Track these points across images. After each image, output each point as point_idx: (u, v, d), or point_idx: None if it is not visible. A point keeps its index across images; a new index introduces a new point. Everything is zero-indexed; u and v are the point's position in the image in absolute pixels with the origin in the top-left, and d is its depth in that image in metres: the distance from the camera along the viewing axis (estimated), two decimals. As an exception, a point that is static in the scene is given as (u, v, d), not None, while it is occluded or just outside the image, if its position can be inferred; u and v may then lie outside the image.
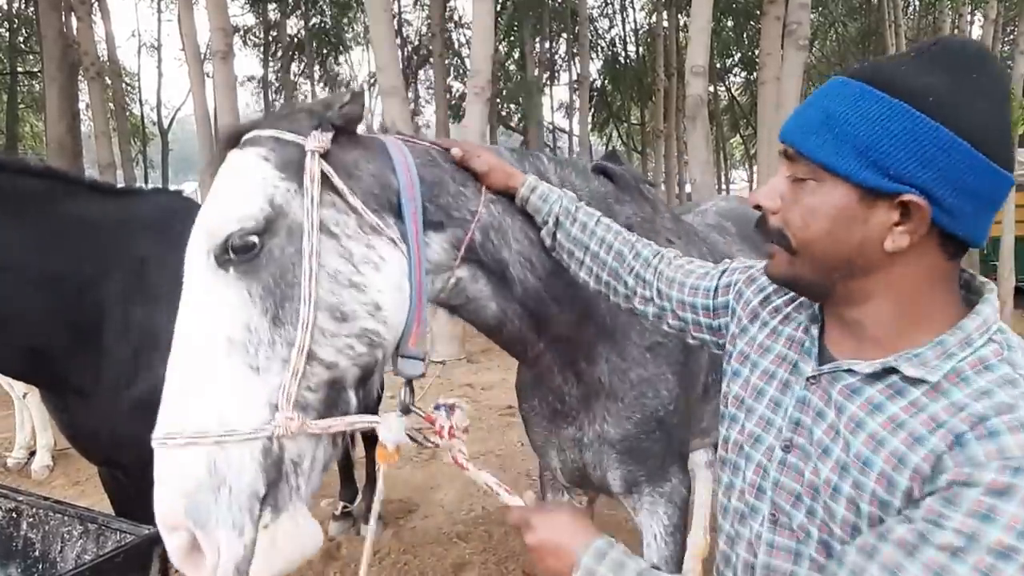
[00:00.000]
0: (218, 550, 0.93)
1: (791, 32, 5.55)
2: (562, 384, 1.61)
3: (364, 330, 1.09)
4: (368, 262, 1.11)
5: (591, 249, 1.34)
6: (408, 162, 1.25)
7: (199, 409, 0.96)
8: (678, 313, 1.24)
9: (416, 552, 3.30)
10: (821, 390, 0.90)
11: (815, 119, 0.84)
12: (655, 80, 17.30)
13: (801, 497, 0.89)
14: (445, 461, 1.24)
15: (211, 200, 1.10)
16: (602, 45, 21.20)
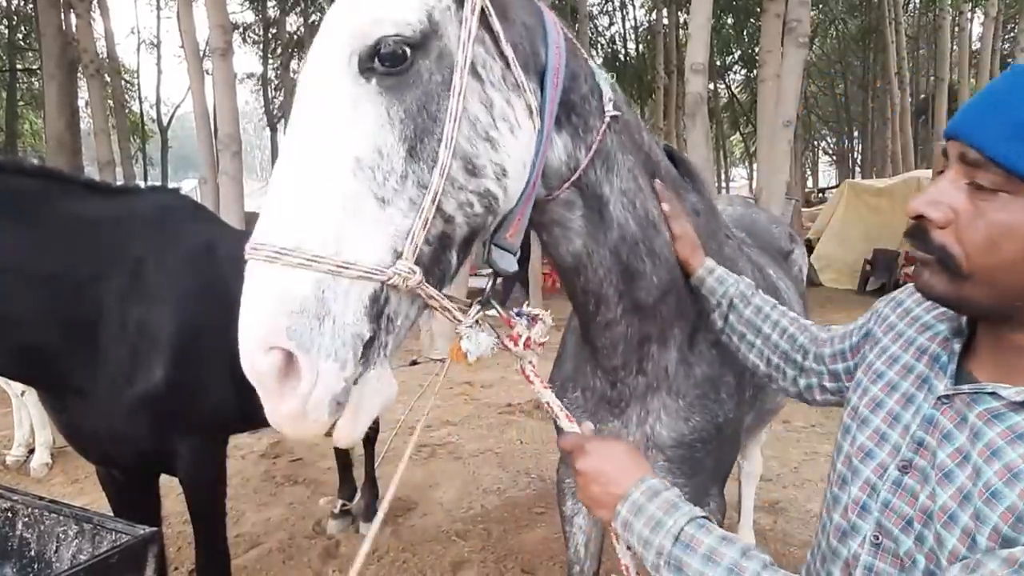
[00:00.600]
0: (318, 377, 0.83)
1: (791, 29, 5.55)
2: (620, 367, 1.44)
3: (487, 191, 0.98)
4: (505, 120, 1.00)
5: (763, 332, 1.30)
6: (561, 39, 1.12)
7: (317, 230, 0.84)
8: (830, 369, 1.18)
9: (415, 550, 3.30)
10: (954, 411, 0.82)
11: (1010, 120, 0.72)
12: (655, 78, 17.27)
13: (912, 522, 0.82)
14: (443, 459, 1.21)
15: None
16: (602, 42, 21.20)
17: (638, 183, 1.29)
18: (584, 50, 1.25)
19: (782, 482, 4.13)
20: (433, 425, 5.39)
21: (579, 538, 1.80)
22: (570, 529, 1.81)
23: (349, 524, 3.54)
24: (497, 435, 5.10)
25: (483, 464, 4.49)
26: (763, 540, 3.25)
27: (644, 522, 0.88)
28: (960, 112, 0.78)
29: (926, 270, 0.81)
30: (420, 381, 6.52)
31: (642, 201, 1.29)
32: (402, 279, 0.87)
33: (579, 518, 1.79)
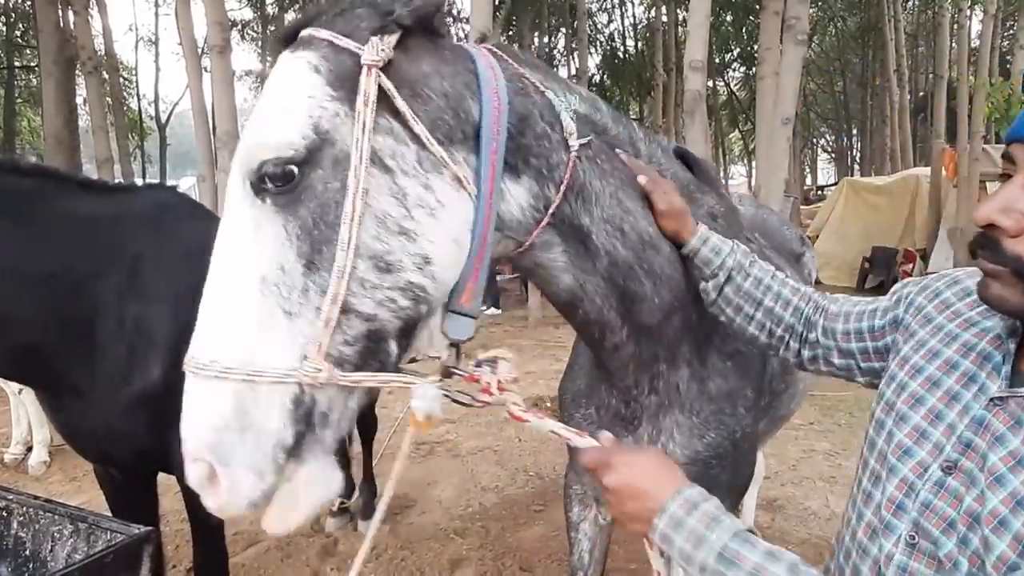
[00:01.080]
0: (233, 487, 0.88)
1: (790, 27, 5.53)
2: (632, 387, 1.40)
3: (409, 283, 0.95)
4: (423, 206, 0.95)
5: (765, 304, 1.24)
6: (499, 85, 1.04)
7: (231, 344, 0.89)
8: (842, 347, 1.14)
9: (413, 548, 3.30)
10: (1008, 414, 0.80)
11: None
12: (654, 75, 17.25)
13: (955, 525, 0.80)
14: (442, 456, 1.19)
15: (254, 115, 0.96)
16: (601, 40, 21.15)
17: (624, 206, 1.22)
18: (583, 48, 1.22)
19: (780, 480, 4.14)
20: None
21: (584, 544, 1.78)
22: (575, 535, 1.80)
23: (347, 522, 3.54)
24: (495, 433, 5.10)
25: (481, 462, 4.49)
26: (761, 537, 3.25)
27: (685, 537, 0.84)
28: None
29: (996, 282, 0.78)
30: (419, 379, 6.57)
31: (632, 224, 1.23)
32: (312, 379, 0.89)
33: (585, 524, 1.77)
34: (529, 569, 3.11)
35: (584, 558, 1.79)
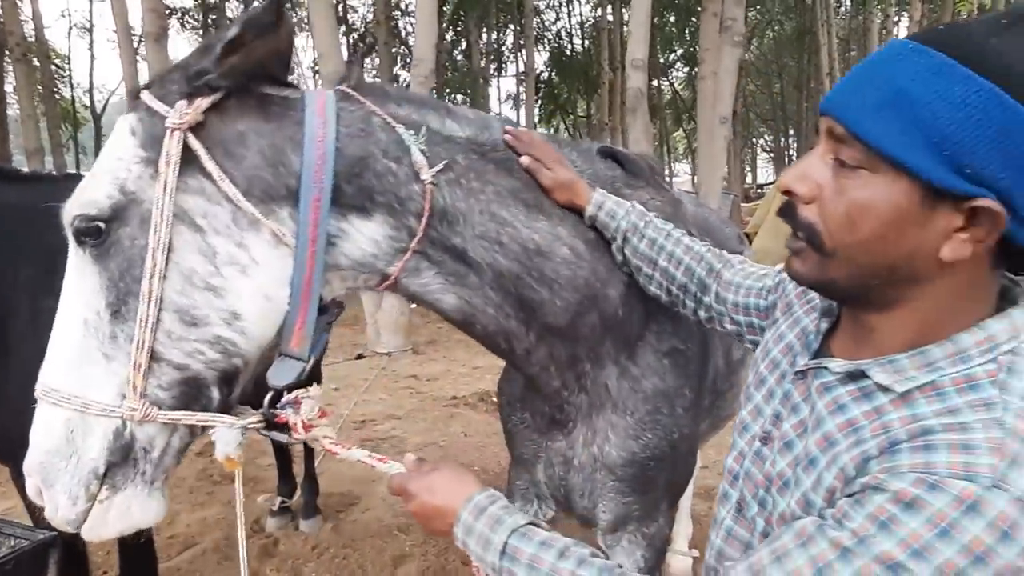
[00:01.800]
0: (53, 507, 1.01)
1: (727, 28, 5.69)
2: (561, 388, 1.36)
3: (217, 337, 1.02)
4: (234, 263, 1.01)
5: (660, 265, 1.26)
6: (326, 133, 1.06)
7: (67, 375, 1.00)
8: (732, 316, 1.18)
9: (356, 546, 3.27)
10: (804, 385, 0.84)
11: (878, 95, 0.68)
12: (600, 73, 17.47)
13: (758, 488, 0.87)
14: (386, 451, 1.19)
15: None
16: (548, 37, 21.30)
17: (499, 219, 1.20)
18: (530, 45, 1.23)
19: (717, 468, 4.26)
20: (377, 420, 5.35)
21: None
22: None
23: (288, 521, 3.48)
24: (442, 428, 5.10)
25: (427, 457, 4.45)
26: (699, 525, 3.34)
27: (476, 541, 0.90)
28: (834, 87, 0.75)
29: (796, 258, 0.79)
30: (365, 375, 6.48)
31: (512, 235, 1.21)
32: (128, 415, 0.99)
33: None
34: (471, 564, 3.12)
35: None
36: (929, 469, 0.62)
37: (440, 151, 1.17)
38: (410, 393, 6.20)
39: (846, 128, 0.70)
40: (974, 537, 0.58)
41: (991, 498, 0.59)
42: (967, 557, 0.58)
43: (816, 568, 0.65)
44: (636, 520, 1.47)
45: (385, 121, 1.14)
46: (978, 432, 0.63)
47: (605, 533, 1.52)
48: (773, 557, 0.69)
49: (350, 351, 7.62)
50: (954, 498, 0.60)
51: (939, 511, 0.60)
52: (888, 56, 0.70)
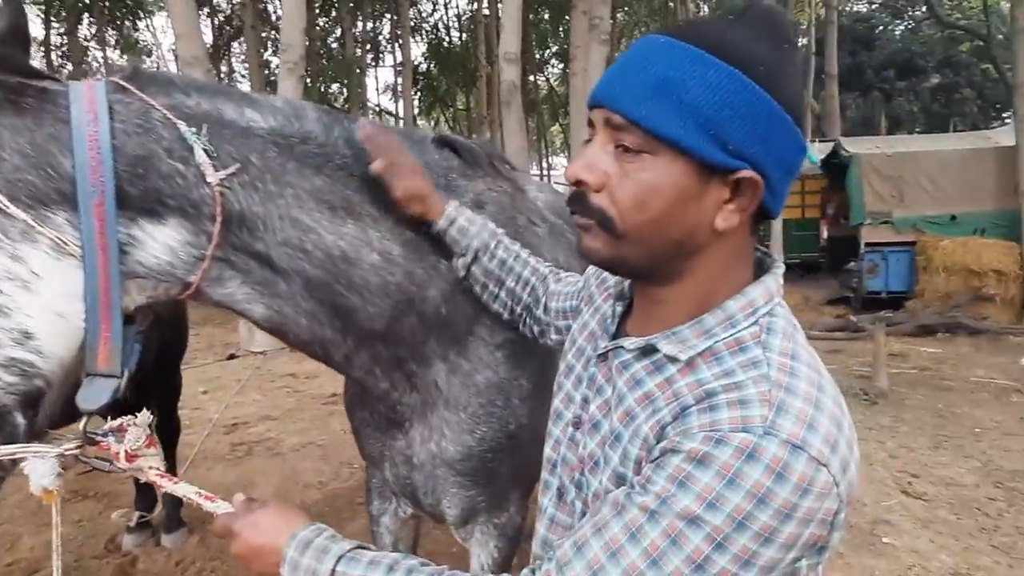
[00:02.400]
0: None
1: (594, 26, 5.91)
2: (391, 390, 1.34)
3: (11, 359, 0.93)
4: (13, 278, 0.92)
5: (507, 285, 1.28)
6: (98, 129, 0.96)
7: None
8: (556, 324, 1.21)
9: (223, 557, 3.10)
10: (606, 367, 0.88)
11: (646, 84, 0.73)
12: (478, 66, 17.51)
13: (574, 472, 0.89)
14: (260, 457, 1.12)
15: None
16: (426, 28, 21.07)
17: (302, 225, 1.15)
18: (406, 35, 1.18)
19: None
20: (250, 422, 5.11)
21: (386, 538, 1.76)
22: (377, 529, 1.77)
23: (149, 537, 3.24)
24: (320, 427, 4.95)
25: (304, 458, 4.33)
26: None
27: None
28: (600, 82, 0.80)
29: (587, 235, 0.81)
30: (238, 376, 6.15)
31: (316, 242, 1.15)
32: None
33: (385, 518, 1.76)
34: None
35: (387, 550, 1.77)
36: (715, 427, 0.68)
37: (232, 149, 1.09)
38: (287, 392, 5.97)
39: (624, 116, 0.74)
40: (755, 481, 0.65)
41: (765, 444, 0.66)
42: (751, 500, 0.65)
43: (629, 533, 0.69)
44: (485, 511, 1.48)
45: (165, 116, 1.05)
46: (750, 388, 0.70)
47: (456, 527, 1.53)
48: (594, 530, 0.73)
49: (221, 351, 7.21)
50: (735, 449, 0.66)
51: (725, 463, 0.66)
52: (646, 49, 0.76)
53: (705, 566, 0.66)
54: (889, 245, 8.89)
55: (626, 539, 0.69)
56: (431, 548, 3.05)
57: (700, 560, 0.66)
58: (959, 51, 21.16)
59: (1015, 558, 3.11)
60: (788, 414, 0.68)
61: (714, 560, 0.66)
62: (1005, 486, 3.86)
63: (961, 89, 21.32)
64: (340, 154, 1.23)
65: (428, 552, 3.08)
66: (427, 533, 2.66)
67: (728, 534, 0.65)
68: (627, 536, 0.69)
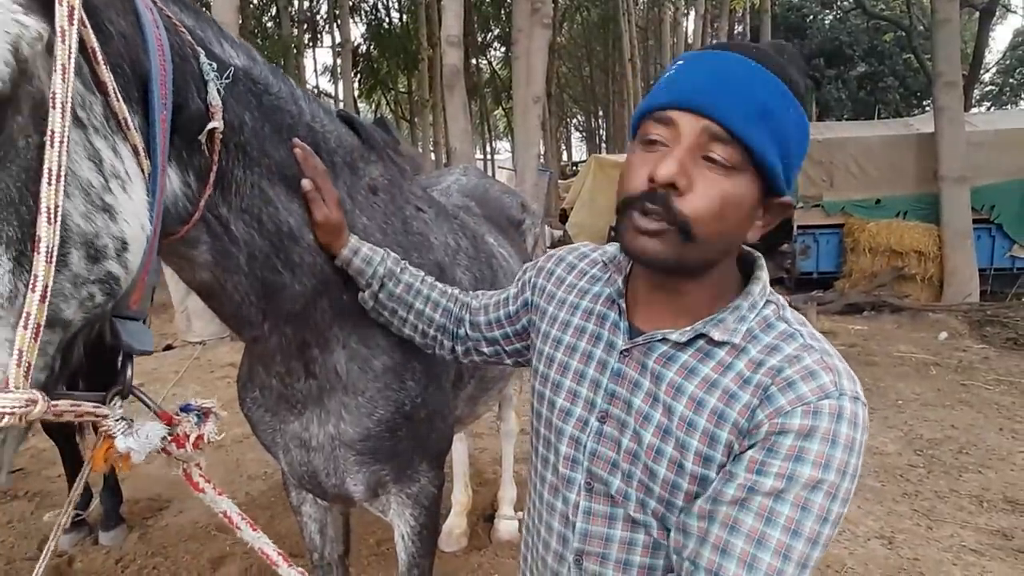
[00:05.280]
0: None
1: (536, 10, 5.91)
2: (285, 375, 1.35)
3: (109, 274, 0.76)
4: (117, 176, 0.77)
5: (415, 307, 1.30)
6: (163, 38, 0.86)
7: None
8: (487, 336, 1.26)
9: (167, 552, 3.03)
10: (635, 362, 0.93)
11: (753, 107, 0.79)
12: (420, 49, 17.25)
13: (618, 464, 0.92)
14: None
15: None
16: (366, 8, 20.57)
17: (265, 195, 1.11)
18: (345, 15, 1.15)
19: (541, 432, 4.50)
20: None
21: (311, 527, 1.77)
22: (300, 519, 1.78)
23: (86, 536, 3.12)
24: (262, 419, 4.83)
25: (247, 450, 4.23)
26: (523, 489, 3.52)
27: None
28: (690, 89, 0.81)
29: (655, 239, 0.83)
30: (176, 367, 5.94)
31: (271, 214, 1.12)
32: (18, 416, 0.67)
33: (306, 506, 1.76)
34: (299, 555, 3.03)
35: (315, 539, 1.78)
36: (803, 401, 0.79)
37: (231, 98, 1.01)
38: (228, 383, 5.80)
39: (730, 131, 0.79)
40: (846, 435, 0.78)
41: (843, 403, 0.79)
42: (847, 451, 0.78)
43: (765, 519, 0.77)
44: (393, 483, 1.52)
45: (191, 44, 0.95)
46: (806, 359, 0.82)
47: (369, 503, 1.57)
48: (729, 529, 0.79)
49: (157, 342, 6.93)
50: (827, 415, 0.78)
51: (825, 428, 0.78)
52: (743, 70, 0.81)
53: (828, 517, 0.77)
54: (820, 227, 9.25)
55: (764, 525, 0.77)
56: (381, 535, 3.05)
57: (824, 514, 0.77)
58: (884, 41, 22.11)
59: (934, 520, 3.33)
60: (840, 373, 0.81)
61: (832, 509, 0.77)
62: (925, 454, 4.13)
63: (885, 78, 22.33)
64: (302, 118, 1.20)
65: (381, 537, 3.07)
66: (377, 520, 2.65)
67: (838, 485, 0.77)
68: (764, 522, 0.77)
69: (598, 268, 1.10)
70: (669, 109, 0.83)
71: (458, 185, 2.44)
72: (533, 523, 1.08)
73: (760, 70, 0.81)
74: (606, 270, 1.08)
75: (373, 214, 1.40)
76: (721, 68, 0.82)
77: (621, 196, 0.87)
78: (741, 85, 0.80)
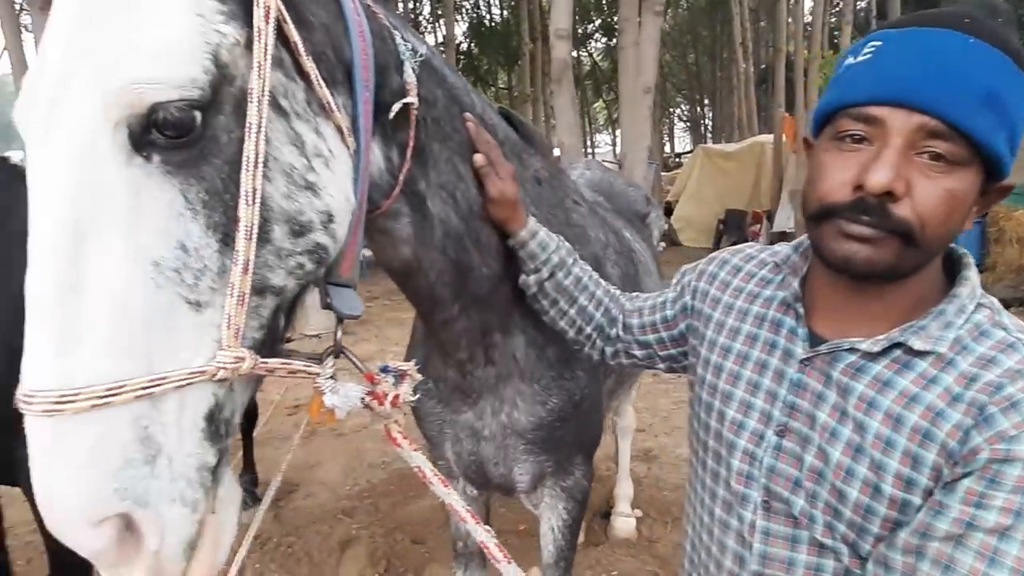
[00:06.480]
0: (164, 529, 0.70)
1: (647, -1, 5.76)
2: (467, 361, 1.37)
3: (317, 245, 0.82)
4: (320, 155, 0.83)
5: (579, 302, 1.26)
6: (364, 22, 0.92)
7: (115, 357, 0.66)
8: (640, 339, 1.21)
9: (300, 533, 3.21)
10: (817, 372, 0.86)
11: (975, 94, 0.70)
12: (520, 44, 17.32)
13: (801, 483, 0.85)
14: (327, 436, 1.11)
15: (99, 33, 0.69)
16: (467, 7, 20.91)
17: (458, 172, 1.14)
18: (448, 14, 1.16)
19: (654, 431, 4.41)
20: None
21: None
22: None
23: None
24: (378, 409, 5.02)
25: (366, 439, 4.41)
26: (639, 487, 3.46)
27: None
28: (901, 78, 0.73)
29: (868, 246, 0.76)
30: (295, 359, 6.31)
31: (463, 192, 1.16)
32: (231, 370, 0.72)
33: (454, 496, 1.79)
34: (421, 541, 3.12)
35: (460, 528, 1.82)
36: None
37: (424, 77, 1.06)
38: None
39: (952, 126, 0.71)
40: None
41: None
42: None
43: (988, 559, 0.68)
44: (552, 475, 1.54)
45: (388, 26, 1.01)
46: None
47: (527, 494, 1.59)
48: (942, 568, 0.71)
49: (277, 335, 7.37)
50: None
51: None
52: (959, 50, 0.71)
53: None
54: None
55: (988, 566, 0.68)
56: (498, 527, 3.09)
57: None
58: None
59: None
60: None
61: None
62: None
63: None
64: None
65: (495, 530, 3.12)
66: (492, 512, 2.69)
67: None
68: (987, 563, 0.69)
69: (767, 270, 1.02)
70: (873, 105, 0.74)
71: (584, 180, 2.41)
72: (700, 539, 1.02)
73: (979, 45, 0.71)
74: (778, 272, 1.00)
75: (540, 205, 1.40)
76: (931, 49, 0.72)
77: (818, 202, 0.79)
78: (959, 68, 0.70)
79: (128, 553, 0.70)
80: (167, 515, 0.70)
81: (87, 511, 0.66)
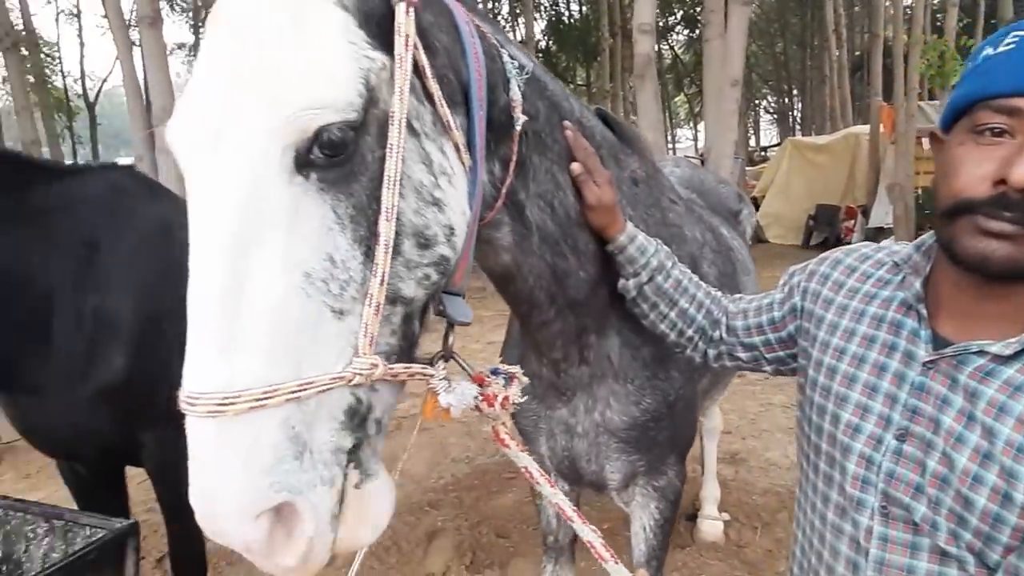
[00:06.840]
0: (313, 510, 0.74)
1: (735, -12, 5.58)
2: (561, 360, 1.39)
3: (441, 257, 0.87)
4: (444, 172, 0.88)
5: (680, 305, 1.26)
6: (477, 44, 0.96)
7: (269, 362, 0.72)
8: (745, 341, 1.20)
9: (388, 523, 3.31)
10: (942, 375, 0.84)
11: None
12: (600, 40, 17.18)
13: (923, 488, 0.83)
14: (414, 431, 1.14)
15: (265, 60, 0.75)
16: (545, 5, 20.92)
17: (556, 181, 1.18)
18: (528, 13, 1.18)
19: (741, 433, 4.29)
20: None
21: (549, 511, 1.82)
22: (541, 503, 1.84)
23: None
24: (462, 404, 5.11)
25: (450, 434, 4.50)
26: (725, 490, 3.37)
27: None
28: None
29: (1008, 243, 0.75)
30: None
31: (561, 200, 1.19)
32: (364, 376, 0.77)
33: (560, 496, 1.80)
34: (505, 535, 3.16)
35: (552, 523, 1.84)
36: None
37: (528, 91, 1.09)
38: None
39: None
40: None
41: None
42: None
43: None
44: (644, 475, 1.55)
45: (496, 45, 1.05)
46: None
47: (618, 492, 1.60)
48: None
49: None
50: None
51: None
52: None
53: None
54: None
55: None
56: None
57: None
58: None
59: None
60: None
61: None
62: None
63: None
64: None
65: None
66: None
67: None
68: None
69: (885, 270, 0.99)
70: (1017, 96, 0.71)
71: (675, 177, 2.38)
72: (811, 544, 1.00)
73: None
74: (897, 272, 0.97)
75: (636, 205, 1.41)
76: None
77: (952, 197, 0.77)
78: None
79: (283, 541, 0.75)
80: (314, 496, 0.75)
81: (248, 506, 0.71)
